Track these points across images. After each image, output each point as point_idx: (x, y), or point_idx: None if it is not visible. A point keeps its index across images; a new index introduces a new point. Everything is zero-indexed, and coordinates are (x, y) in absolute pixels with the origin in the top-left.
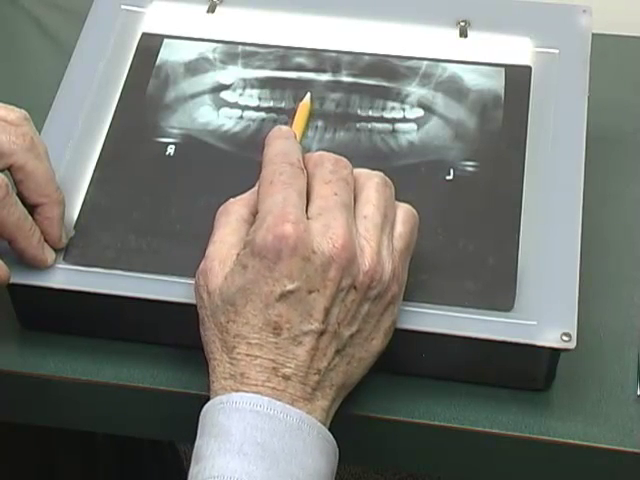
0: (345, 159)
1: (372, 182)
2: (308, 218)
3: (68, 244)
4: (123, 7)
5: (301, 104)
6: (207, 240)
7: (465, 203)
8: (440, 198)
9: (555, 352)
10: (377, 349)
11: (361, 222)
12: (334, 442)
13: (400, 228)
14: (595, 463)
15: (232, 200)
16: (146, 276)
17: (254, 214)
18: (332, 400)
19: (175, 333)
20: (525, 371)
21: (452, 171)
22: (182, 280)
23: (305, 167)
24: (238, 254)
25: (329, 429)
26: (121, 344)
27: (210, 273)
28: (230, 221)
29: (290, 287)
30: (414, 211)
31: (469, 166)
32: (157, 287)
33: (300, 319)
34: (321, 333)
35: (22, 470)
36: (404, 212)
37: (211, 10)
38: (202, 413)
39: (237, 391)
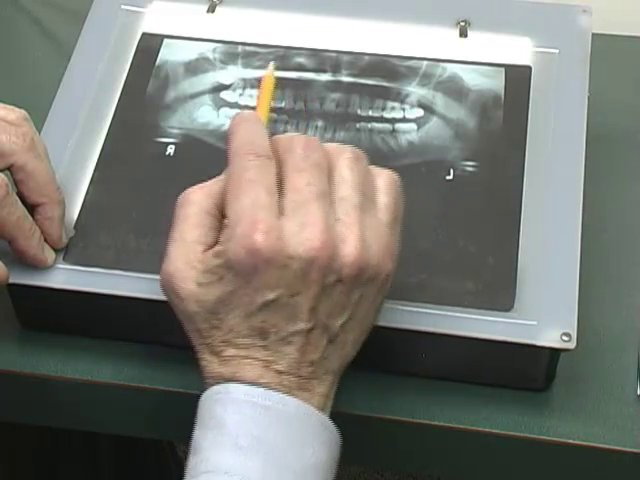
0: (315, 138)
1: (343, 159)
2: (282, 214)
3: (68, 244)
4: (123, 7)
5: (265, 76)
6: None
7: (465, 203)
8: (440, 198)
9: (555, 352)
10: (370, 326)
11: (339, 205)
12: (334, 430)
13: (384, 199)
14: (595, 463)
15: (192, 189)
16: (146, 276)
17: (217, 205)
18: (330, 384)
19: (175, 333)
20: (525, 371)
21: (452, 171)
22: None
23: (275, 152)
24: (203, 252)
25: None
26: (121, 344)
27: (177, 277)
28: (191, 214)
29: (271, 296)
30: (395, 176)
31: (469, 166)
32: (157, 287)
33: (286, 322)
34: (309, 330)
35: (22, 470)
36: (385, 180)
37: (211, 10)
38: (200, 402)
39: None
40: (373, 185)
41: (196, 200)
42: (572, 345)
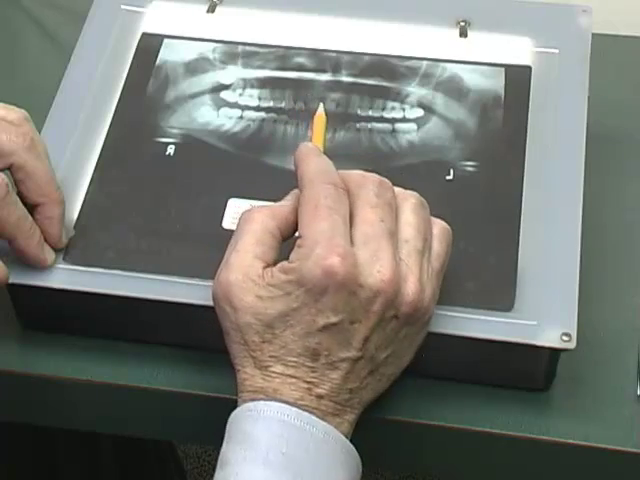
0: (387, 180)
1: (409, 203)
2: (352, 244)
3: (68, 244)
4: (123, 7)
5: (316, 117)
6: (208, 239)
7: (465, 203)
8: (440, 198)
9: (555, 352)
10: (407, 364)
11: (402, 246)
12: (357, 456)
13: (437, 248)
14: (595, 463)
15: (257, 208)
16: (146, 276)
17: (279, 228)
18: (358, 413)
19: (175, 333)
20: (525, 371)
21: (452, 171)
22: (182, 280)
23: (346, 185)
24: (264, 269)
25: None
26: (121, 344)
27: (234, 287)
28: (255, 230)
29: (334, 320)
30: (449, 228)
31: (469, 166)
32: (157, 287)
33: (339, 347)
34: (358, 359)
35: (22, 470)
36: (440, 231)
37: (211, 10)
38: (230, 420)
39: (266, 400)
40: (432, 233)
41: (260, 219)
42: (572, 345)
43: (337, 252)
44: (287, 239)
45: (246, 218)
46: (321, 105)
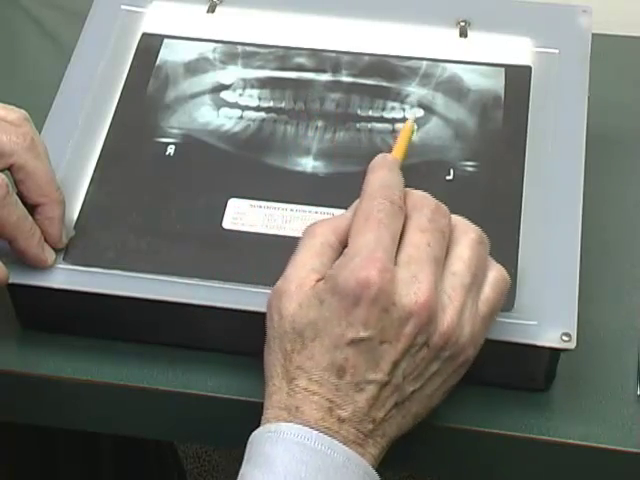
0: (444, 207)
1: (467, 237)
2: (396, 263)
3: (68, 244)
4: (123, 7)
5: (404, 128)
6: (208, 239)
7: (465, 203)
8: (440, 198)
9: (555, 352)
10: (434, 406)
11: (449, 278)
12: None
13: (489, 292)
14: (595, 463)
15: (320, 222)
16: (146, 276)
17: (340, 241)
18: (382, 449)
19: (175, 333)
20: (525, 371)
21: (452, 171)
22: (182, 280)
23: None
24: (317, 281)
25: None
26: (121, 344)
27: (285, 296)
28: (314, 244)
29: (363, 335)
30: (507, 275)
31: (469, 166)
32: (157, 287)
33: (366, 367)
34: (384, 384)
35: (23, 470)
36: (496, 276)
37: (211, 10)
38: (250, 439)
39: (288, 422)
40: (485, 274)
41: (320, 233)
42: (572, 345)
43: (376, 266)
44: None
45: (307, 232)
46: (412, 116)
